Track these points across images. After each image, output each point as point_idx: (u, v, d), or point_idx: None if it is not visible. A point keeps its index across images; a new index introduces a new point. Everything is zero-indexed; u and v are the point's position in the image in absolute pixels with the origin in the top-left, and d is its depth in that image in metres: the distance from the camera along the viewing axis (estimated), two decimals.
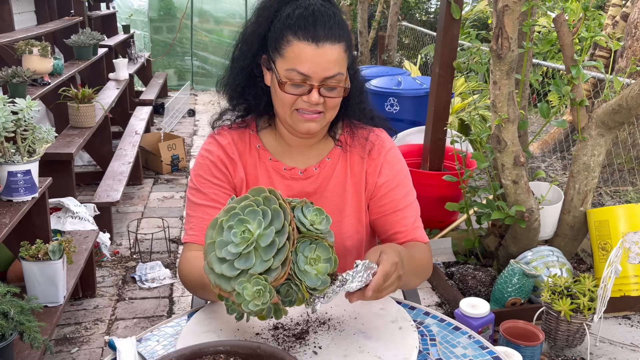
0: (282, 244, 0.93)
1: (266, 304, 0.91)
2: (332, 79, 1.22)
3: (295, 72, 1.20)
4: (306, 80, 1.21)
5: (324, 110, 1.26)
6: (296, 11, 1.21)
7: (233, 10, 8.40)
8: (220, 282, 0.94)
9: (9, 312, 1.56)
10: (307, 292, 0.97)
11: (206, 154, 1.37)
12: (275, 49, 1.23)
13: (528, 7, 2.53)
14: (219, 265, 0.93)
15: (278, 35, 1.22)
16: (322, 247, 0.98)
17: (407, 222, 1.38)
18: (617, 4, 5.30)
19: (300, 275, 0.96)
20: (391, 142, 1.43)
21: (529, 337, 2.12)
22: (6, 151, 2.12)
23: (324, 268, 0.97)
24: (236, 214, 0.96)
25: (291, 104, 1.24)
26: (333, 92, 1.24)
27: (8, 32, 3.51)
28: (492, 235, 2.99)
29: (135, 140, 4.43)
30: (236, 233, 0.94)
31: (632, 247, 2.63)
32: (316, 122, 1.27)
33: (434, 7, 9.46)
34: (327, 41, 1.19)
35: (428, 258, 1.37)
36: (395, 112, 4.31)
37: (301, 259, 0.96)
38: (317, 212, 0.99)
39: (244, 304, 0.91)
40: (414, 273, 1.29)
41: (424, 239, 1.39)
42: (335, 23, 1.22)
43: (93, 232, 2.87)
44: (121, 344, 1.11)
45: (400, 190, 1.39)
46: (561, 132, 5.09)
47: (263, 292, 0.91)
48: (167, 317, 2.74)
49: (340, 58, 1.22)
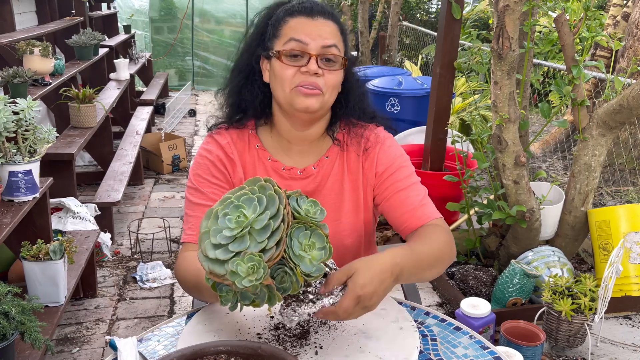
0: (276, 226, 0.93)
1: (260, 279, 0.90)
2: (329, 49, 1.26)
3: (293, 41, 1.26)
4: (304, 50, 1.25)
5: (323, 89, 1.26)
6: (294, 1, 1.32)
7: (234, 10, 8.40)
8: (214, 267, 0.93)
9: (10, 312, 1.56)
10: (301, 276, 0.96)
11: (205, 153, 1.37)
12: (273, 35, 1.30)
13: (529, 7, 2.53)
14: (213, 251, 0.93)
15: (276, 23, 1.30)
16: (317, 235, 0.98)
17: (413, 201, 1.33)
18: (618, 4, 5.30)
19: (295, 260, 0.95)
20: (386, 134, 1.43)
21: (530, 337, 2.12)
22: (7, 151, 2.12)
23: (319, 255, 0.97)
24: (231, 202, 0.96)
25: (290, 79, 1.26)
26: (331, 65, 1.27)
27: (9, 32, 3.52)
28: (493, 236, 2.99)
29: (136, 141, 4.43)
30: (231, 219, 0.94)
31: (633, 247, 2.62)
32: (315, 99, 1.27)
33: (434, 7, 9.46)
34: (321, 16, 1.29)
35: (442, 240, 1.27)
36: (396, 112, 4.31)
37: (296, 245, 0.96)
38: (312, 203, 1.00)
39: (237, 280, 0.90)
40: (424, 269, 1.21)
41: (432, 216, 1.32)
42: (330, 9, 1.32)
43: (94, 232, 2.87)
44: (122, 344, 1.11)
45: (400, 172, 1.37)
46: (562, 132, 5.08)
47: (257, 267, 0.90)
48: (168, 317, 2.74)
49: (335, 33, 1.29)
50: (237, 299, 0.98)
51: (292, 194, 1.00)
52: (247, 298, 0.97)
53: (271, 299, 0.96)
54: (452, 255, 1.30)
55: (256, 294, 0.96)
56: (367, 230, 1.44)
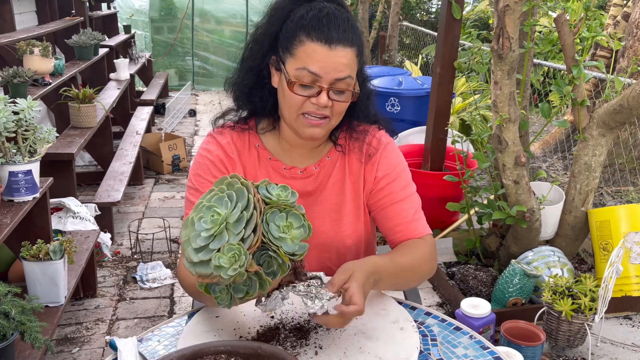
0: (249, 215, 0.95)
1: (243, 265, 0.91)
2: (342, 81, 1.21)
3: (306, 72, 1.19)
4: (316, 82, 1.20)
5: (330, 115, 1.25)
6: (310, 13, 1.21)
7: (234, 10, 8.40)
8: (200, 270, 0.94)
9: (10, 312, 1.56)
10: (286, 257, 0.97)
11: (205, 153, 1.36)
12: (286, 49, 1.23)
13: (529, 7, 2.53)
14: (196, 255, 0.95)
15: (290, 35, 1.22)
16: (293, 215, 0.99)
17: (406, 215, 1.36)
18: (618, 4, 5.30)
19: (276, 242, 0.97)
20: (388, 138, 1.42)
21: (530, 337, 2.12)
22: (7, 151, 2.12)
23: (299, 233, 0.99)
24: (204, 206, 0.98)
25: (299, 106, 1.23)
26: (341, 96, 1.23)
27: (9, 32, 3.52)
28: (493, 236, 2.99)
29: (136, 141, 4.43)
30: (206, 220, 0.96)
31: (633, 247, 2.62)
32: (321, 128, 1.26)
33: (435, 7, 9.46)
34: (340, 44, 1.19)
35: (426, 255, 1.33)
36: (396, 112, 4.31)
37: (274, 228, 0.97)
38: (282, 187, 1.01)
39: (223, 272, 0.91)
40: (402, 279, 1.29)
41: (422, 232, 1.36)
42: (349, 27, 1.21)
43: (94, 232, 2.87)
44: (122, 344, 1.11)
45: (398, 183, 1.38)
46: (562, 132, 5.08)
47: (238, 255, 0.92)
48: (168, 317, 2.74)
49: (352, 62, 1.22)
50: (231, 295, 0.99)
51: (261, 183, 1.02)
52: (239, 291, 0.98)
53: (262, 285, 0.97)
54: (431, 271, 1.36)
55: (247, 284, 0.97)
56: (367, 231, 1.44)
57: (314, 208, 1.37)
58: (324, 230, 1.38)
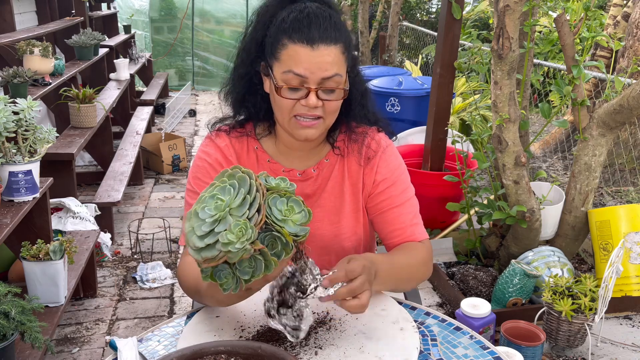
0: (253, 197, 0.96)
1: (250, 239, 0.92)
2: (330, 80, 1.20)
3: (292, 74, 1.19)
4: (303, 83, 1.19)
5: (323, 115, 1.24)
6: (291, 15, 1.21)
7: (234, 10, 8.40)
8: (206, 253, 0.95)
9: (10, 312, 1.56)
10: (290, 237, 0.98)
11: (204, 155, 1.36)
12: (271, 54, 1.23)
13: (529, 7, 2.53)
14: (201, 241, 0.95)
15: (274, 39, 1.22)
16: (293, 200, 1.00)
17: (405, 219, 1.36)
18: (619, 4, 5.30)
19: (280, 223, 0.98)
20: (387, 141, 1.42)
21: (530, 337, 2.12)
22: (7, 151, 2.12)
23: (300, 217, 0.99)
24: (206, 197, 0.99)
25: (289, 109, 1.23)
26: (331, 95, 1.22)
27: (9, 32, 3.52)
28: (493, 236, 2.99)
29: (136, 141, 4.43)
30: (210, 207, 0.96)
31: (633, 247, 2.62)
32: (315, 129, 1.25)
33: (435, 7, 9.46)
34: (322, 43, 1.18)
35: (422, 258, 1.34)
36: (396, 112, 4.31)
37: (276, 212, 0.98)
38: (281, 179, 1.02)
39: (231, 247, 0.92)
40: (399, 279, 1.28)
41: (420, 237, 1.37)
42: (331, 25, 1.20)
43: (94, 232, 2.87)
44: (122, 344, 1.11)
45: (397, 187, 1.38)
46: (562, 132, 5.08)
47: (245, 229, 0.92)
48: (168, 317, 2.74)
49: (338, 59, 1.20)
50: (237, 279, 0.99)
51: (260, 175, 1.02)
52: (245, 273, 0.98)
53: (268, 266, 0.97)
54: (427, 274, 1.37)
55: (252, 265, 0.98)
56: (366, 234, 1.44)
57: (312, 210, 1.36)
58: (323, 233, 1.38)
